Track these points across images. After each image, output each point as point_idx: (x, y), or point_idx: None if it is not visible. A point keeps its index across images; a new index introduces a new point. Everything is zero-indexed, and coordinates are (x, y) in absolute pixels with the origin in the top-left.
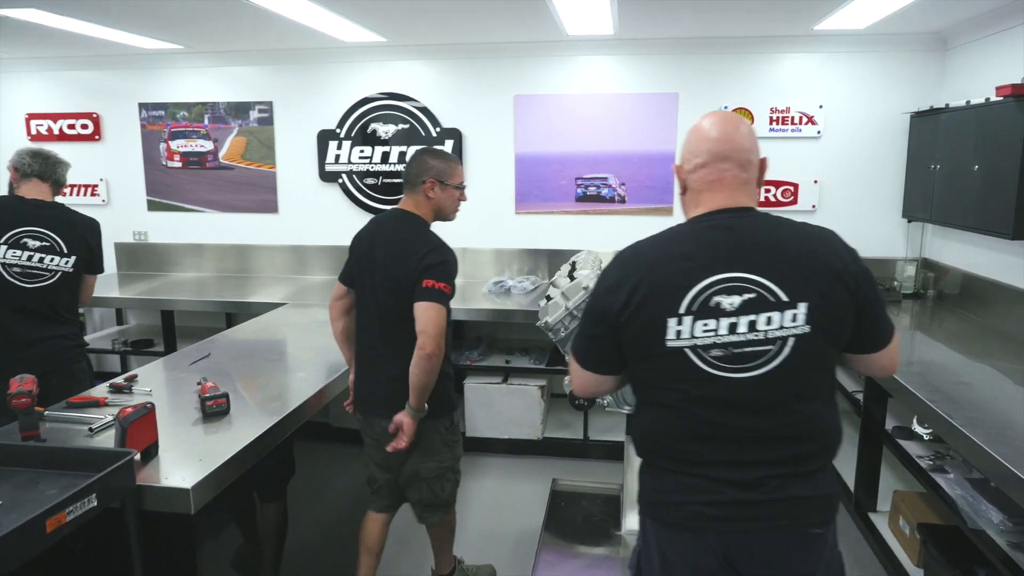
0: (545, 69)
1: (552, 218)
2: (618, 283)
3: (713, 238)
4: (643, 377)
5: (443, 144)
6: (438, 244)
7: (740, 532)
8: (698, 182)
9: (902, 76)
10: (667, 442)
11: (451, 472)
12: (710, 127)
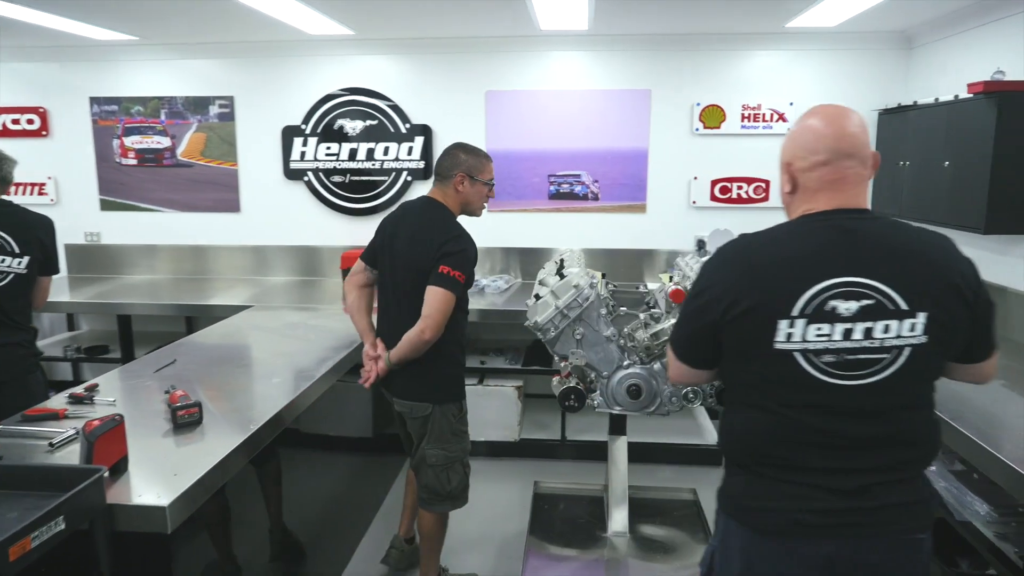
0: (517, 64)
1: (525, 216)
2: (724, 281)
3: (831, 239)
4: (742, 377)
5: (412, 141)
6: (459, 233)
7: (842, 540)
8: (816, 181)
9: (869, 74)
10: (764, 447)
11: (459, 464)
12: (829, 122)
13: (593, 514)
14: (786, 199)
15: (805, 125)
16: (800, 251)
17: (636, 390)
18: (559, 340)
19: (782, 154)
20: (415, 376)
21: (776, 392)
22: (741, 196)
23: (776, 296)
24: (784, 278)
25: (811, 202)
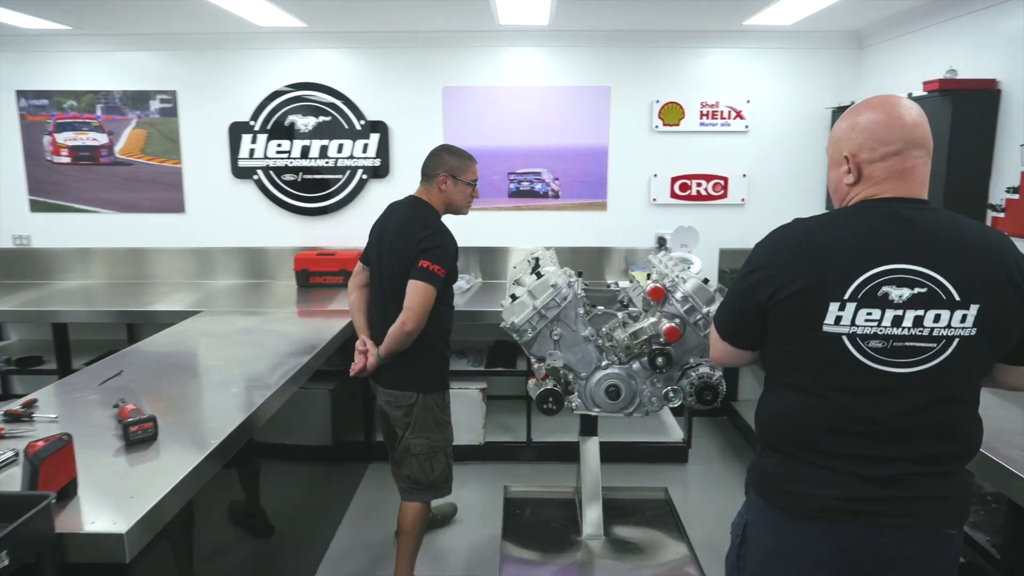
0: (476, 60)
1: (484, 214)
2: (777, 262)
3: (888, 226)
4: (785, 359)
5: (368, 138)
6: (439, 229)
7: (870, 528)
8: (884, 170)
9: (822, 72)
10: (802, 429)
11: (442, 454)
12: (902, 112)
13: (566, 517)
14: (843, 189)
15: (874, 115)
16: (855, 236)
17: (615, 391)
18: (536, 341)
19: (842, 145)
20: (401, 366)
21: (820, 375)
22: (700, 193)
23: (828, 278)
24: (837, 261)
25: (874, 190)
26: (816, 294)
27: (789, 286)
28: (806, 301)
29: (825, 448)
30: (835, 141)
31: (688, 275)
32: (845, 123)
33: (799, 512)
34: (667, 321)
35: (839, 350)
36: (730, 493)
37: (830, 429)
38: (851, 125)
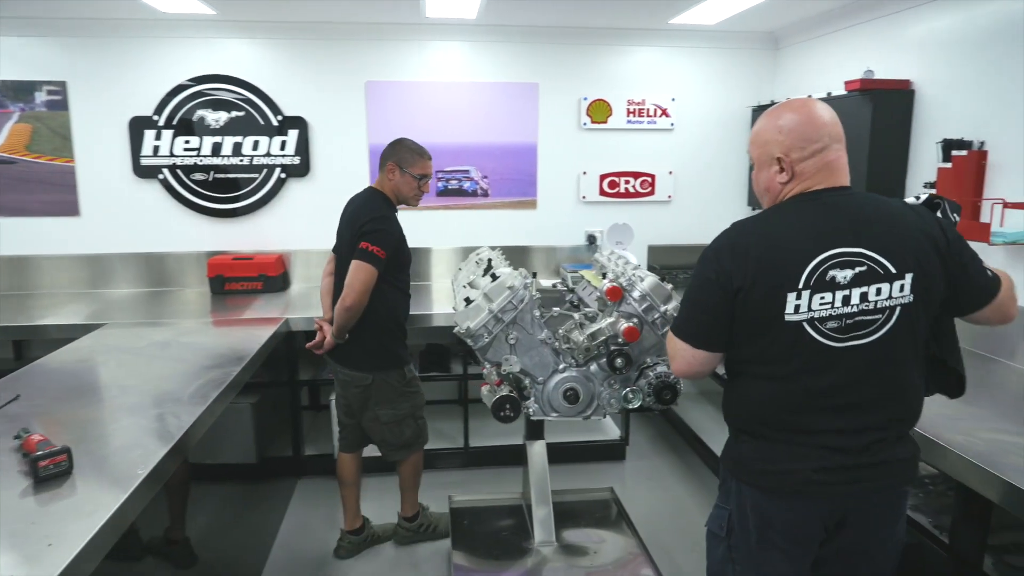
0: (400, 54)
1: (411, 214)
2: (738, 259)
3: (823, 215)
4: (753, 353)
5: (285, 135)
6: (381, 214)
7: (847, 495)
8: (814, 166)
9: (743, 72)
10: (776, 413)
11: (410, 418)
12: (820, 112)
13: (515, 524)
14: (776, 187)
15: (797, 118)
16: (799, 229)
17: (574, 394)
18: (491, 346)
19: (772, 148)
20: (355, 347)
21: (786, 362)
22: (629, 190)
23: (783, 272)
24: (787, 255)
25: (807, 184)
26: (775, 289)
27: (750, 285)
28: (767, 297)
29: (798, 426)
30: (762, 144)
31: (644, 273)
32: (769, 127)
33: (785, 489)
34: (625, 321)
35: (801, 335)
36: (670, 487)
37: (801, 408)
38: (777, 128)
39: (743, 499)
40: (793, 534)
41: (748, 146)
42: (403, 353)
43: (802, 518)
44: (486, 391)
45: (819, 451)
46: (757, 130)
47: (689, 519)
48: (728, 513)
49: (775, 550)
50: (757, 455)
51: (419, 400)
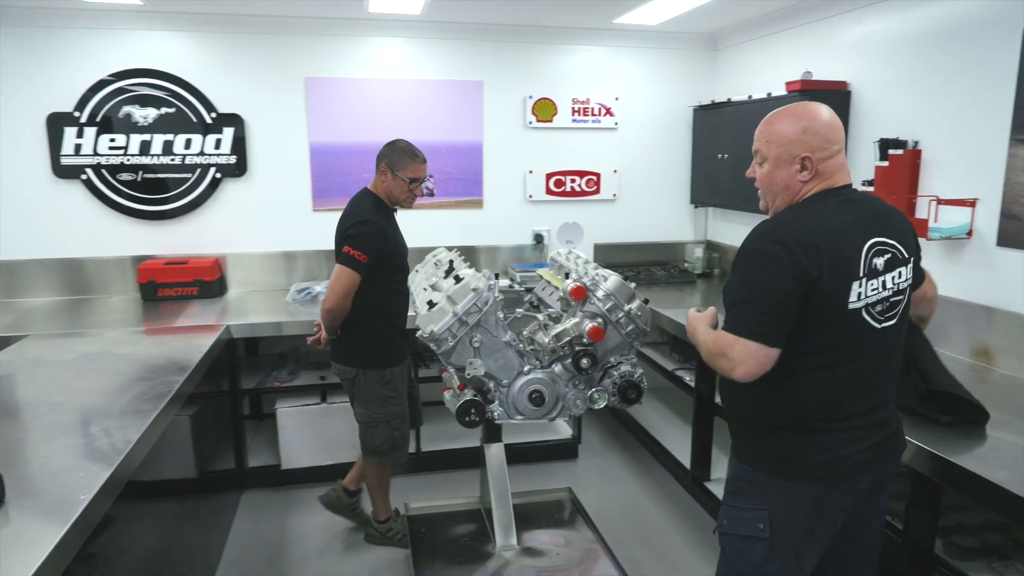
0: (341, 50)
1: None
2: (810, 253)
3: (852, 209)
4: (811, 344)
5: (220, 132)
6: (364, 218)
7: (880, 466)
8: (833, 166)
9: (684, 72)
10: (833, 402)
11: (384, 425)
12: (831, 117)
13: (476, 530)
14: (796, 185)
15: (821, 121)
16: (843, 222)
17: (539, 396)
18: (455, 350)
19: (795, 148)
20: (344, 343)
21: (845, 348)
22: (575, 189)
23: (848, 263)
24: (845, 246)
25: (829, 182)
26: (844, 279)
27: (824, 277)
28: (837, 287)
29: (847, 411)
30: (784, 144)
31: (607, 272)
32: (792, 128)
33: (837, 475)
34: (590, 321)
35: (859, 322)
36: (624, 484)
37: (851, 392)
38: (802, 129)
39: (795, 494)
40: (837, 516)
41: (758, 144)
42: (389, 355)
43: (851, 499)
44: (449, 396)
45: (863, 431)
46: (776, 130)
47: (644, 515)
48: (767, 513)
49: (817, 536)
50: (811, 448)
51: (398, 409)
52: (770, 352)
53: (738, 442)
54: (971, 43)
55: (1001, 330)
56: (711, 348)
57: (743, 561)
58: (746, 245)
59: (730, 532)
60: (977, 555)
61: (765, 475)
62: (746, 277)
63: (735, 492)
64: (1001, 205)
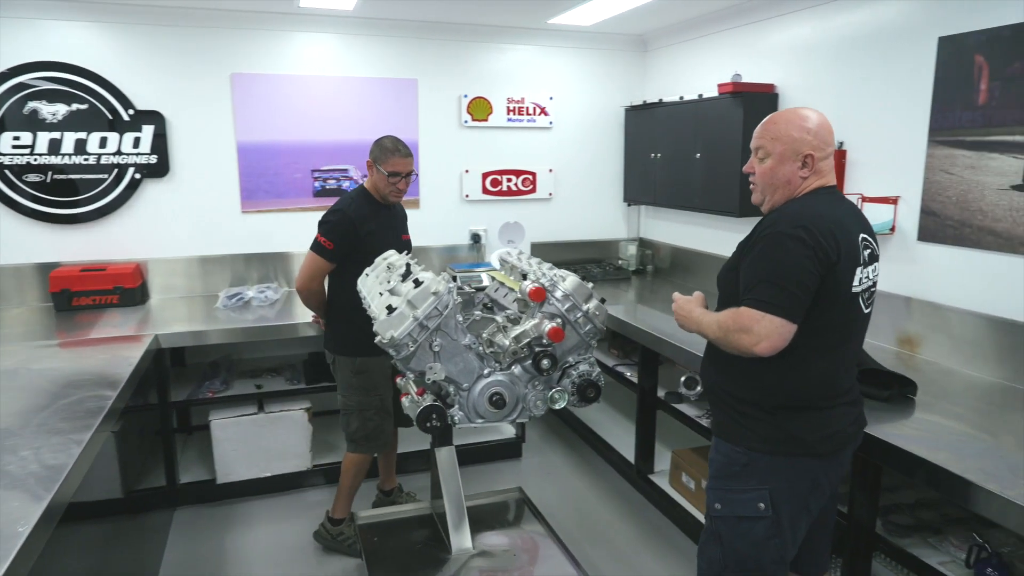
0: (270, 45)
1: (287, 216)
2: (828, 238)
3: (843, 205)
4: (815, 326)
5: (139, 131)
6: (338, 208)
7: (856, 440)
8: (828, 165)
9: (615, 73)
10: (829, 381)
11: (356, 414)
12: (827, 122)
13: (429, 536)
14: (796, 180)
15: (821, 123)
16: (845, 215)
17: (500, 399)
18: (415, 355)
19: (800, 146)
20: (327, 328)
21: (843, 330)
22: (511, 188)
23: (855, 251)
24: (850, 236)
25: (824, 180)
26: (852, 264)
27: (839, 261)
28: (846, 272)
29: (838, 390)
30: (789, 141)
31: (564, 273)
32: (796, 127)
33: (830, 450)
34: (549, 322)
35: (855, 306)
36: (569, 481)
37: (843, 372)
38: (806, 129)
39: (795, 472)
40: (827, 490)
41: (761, 142)
42: (360, 345)
43: (839, 472)
44: (407, 402)
45: (849, 407)
46: (778, 128)
47: (592, 510)
48: (767, 492)
49: (810, 511)
50: (811, 425)
51: (372, 400)
52: (792, 328)
53: (731, 426)
54: (891, 49)
55: (922, 319)
56: (729, 325)
57: (743, 542)
58: (765, 230)
59: (727, 515)
60: (913, 532)
61: (765, 456)
62: (770, 257)
63: (729, 476)
64: (921, 202)
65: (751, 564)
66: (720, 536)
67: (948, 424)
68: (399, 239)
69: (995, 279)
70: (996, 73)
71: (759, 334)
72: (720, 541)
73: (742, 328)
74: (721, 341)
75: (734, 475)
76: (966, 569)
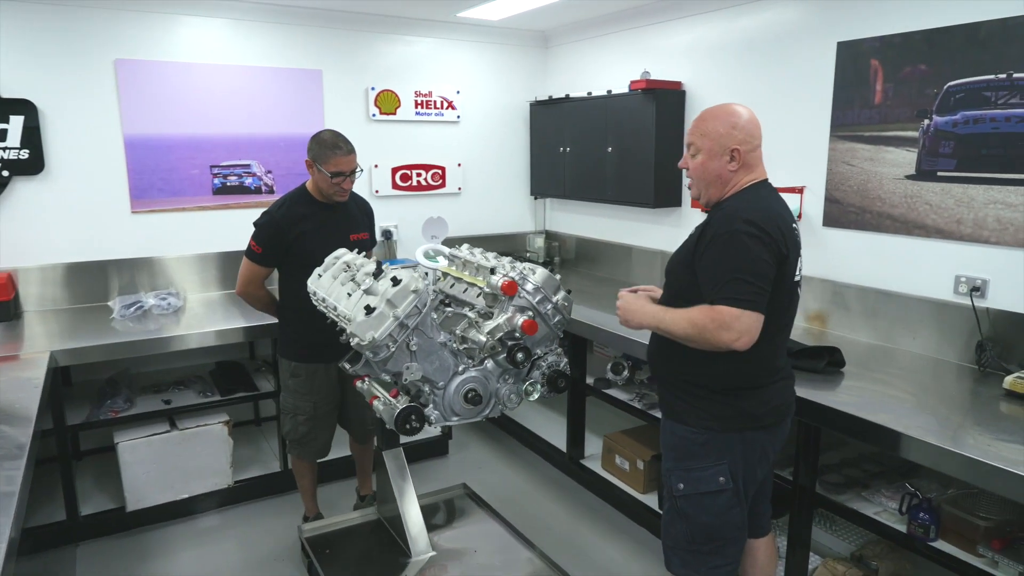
0: (161, 29)
1: (184, 216)
2: (777, 231)
3: (777, 198)
4: (770, 311)
5: (7, 122)
6: (268, 210)
7: (794, 407)
8: (756, 158)
9: (520, 67)
10: (773, 360)
11: (290, 415)
12: (753, 116)
13: (383, 541)
14: (727, 175)
15: (747, 118)
16: (782, 207)
17: (476, 395)
18: (393, 356)
19: (727, 141)
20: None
21: (787, 313)
22: (421, 183)
23: (794, 241)
24: (790, 227)
25: (753, 173)
26: (795, 254)
27: (785, 250)
28: (791, 261)
29: (779, 366)
30: (716, 137)
31: (532, 266)
32: (722, 123)
33: (777, 421)
34: (521, 315)
35: (796, 292)
36: (501, 473)
37: (781, 351)
38: (732, 124)
39: (750, 445)
40: (772, 457)
41: (692, 138)
42: (298, 348)
43: (782, 439)
44: (380, 405)
45: (787, 380)
46: (707, 125)
47: (527, 499)
48: (726, 466)
49: (758, 478)
50: (759, 402)
51: (304, 406)
52: (759, 318)
53: (685, 409)
54: (794, 51)
55: (829, 297)
56: (706, 324)
57: (708, 515)
58: (719, 228)
59: (690, 492)
60: (846, 488)
61: (720, 433)
62: (731, 255)
63: (688, 456)
64: (825, 191)
65: (717, 534)
66: (686, 514)
67: (876, 388)
68: (346, 240)
69: (893, 258)
70: (889, 76)
71: (739, 330)
72: (686, 518)
73: (722, 326)
74: (694, 338)
75: (693, 454)
76: (900, 516)
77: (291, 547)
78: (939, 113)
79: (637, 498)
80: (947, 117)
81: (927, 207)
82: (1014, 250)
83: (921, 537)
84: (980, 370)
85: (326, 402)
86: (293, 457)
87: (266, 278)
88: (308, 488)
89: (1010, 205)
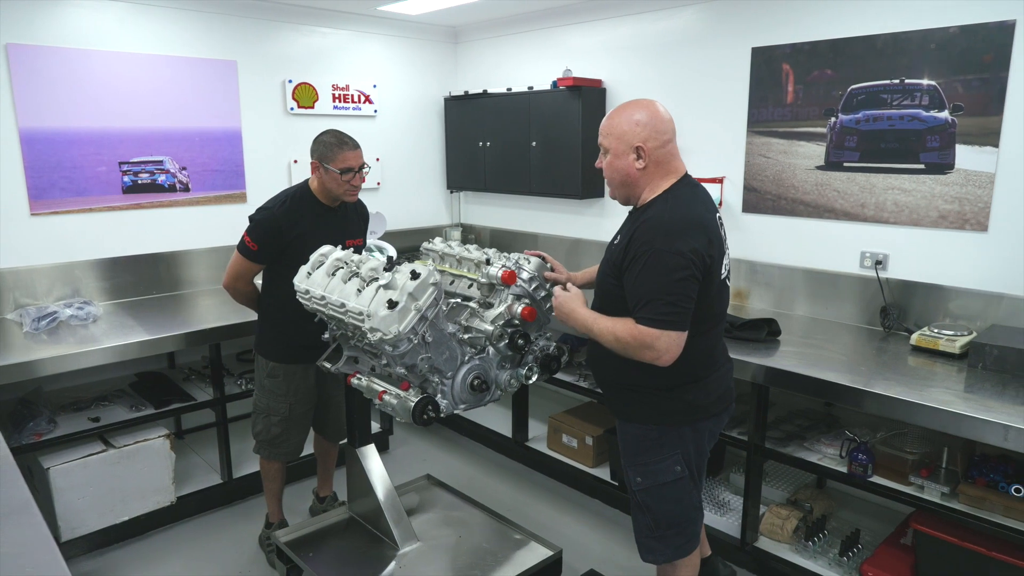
0: (59, 13)
1: (91, 217)
2: (702, 238)
3: (701, 195)
4: (702, 313)
5: None
6: (266, 206)
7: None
8: (667, 155)
9: (433, 62)
10: (710, 354)
11: (263, 415)
12: (663, 111)
13: (364, 538)
14: (634, 173)
15: (650, 113)
16: (705, 204)
17: (481, 383)
18: (412, 349)
19: (630, 138)
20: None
21: (718, 309)
22: None
23: (718, 241)
24: (714, 227)
25: (669, 170)
26: (720, 255)
27: (709, 256)
28: (716, 263)
29: (717, 358)
30: (620, 135)
31: (524, 255)
32: (625, 120)
33: (719, 411)
34: (520, 303)
35: (725, 286)
36: (447, 464)
37: (720, 342)
38: (634, 122)
39: (699, 434)
40: (716, 437)
41: (601, 139)
42: (276, 348)
43: (728, 418)
44: (392, 399)
45: (727, 367)
46: (611, 124)
47: (478, 485)
48: (680, 454)
49: (706, 457)
50: (704, 393)
51: (278, 407)
52: (685, 335)
53: (635, 408)
54: (711, 53)
55: (749, 276)
56: (629, 342)
57: (668, 503)
58: (642, 245)
59: (649, 486)
60: (789, 442)
61: (673, 427)
62: (653, 275)
63: (644, 451)
64: (743, 181)
65: (678, 519)
66: (647, 506)
67: (809, 352)
68: (341, 245)
69: (806, 239)
70: (800, 78)
71: (660, 349)
72: (648, 510)
73: (643, 345)
74: (618, 351)
75: (648, 449)
76: (840, 459)
77: (253, 556)
78: (844, 112)
79: (589, 472)
80: (851, 116)
81: (835, 194)
82: (910, 228)
83: (860, 475)
84: (885, 331)
85: (302, 404)
86: (262, 459)
87: (256, 274)
88: (276, 492)
89: (905, 191)
